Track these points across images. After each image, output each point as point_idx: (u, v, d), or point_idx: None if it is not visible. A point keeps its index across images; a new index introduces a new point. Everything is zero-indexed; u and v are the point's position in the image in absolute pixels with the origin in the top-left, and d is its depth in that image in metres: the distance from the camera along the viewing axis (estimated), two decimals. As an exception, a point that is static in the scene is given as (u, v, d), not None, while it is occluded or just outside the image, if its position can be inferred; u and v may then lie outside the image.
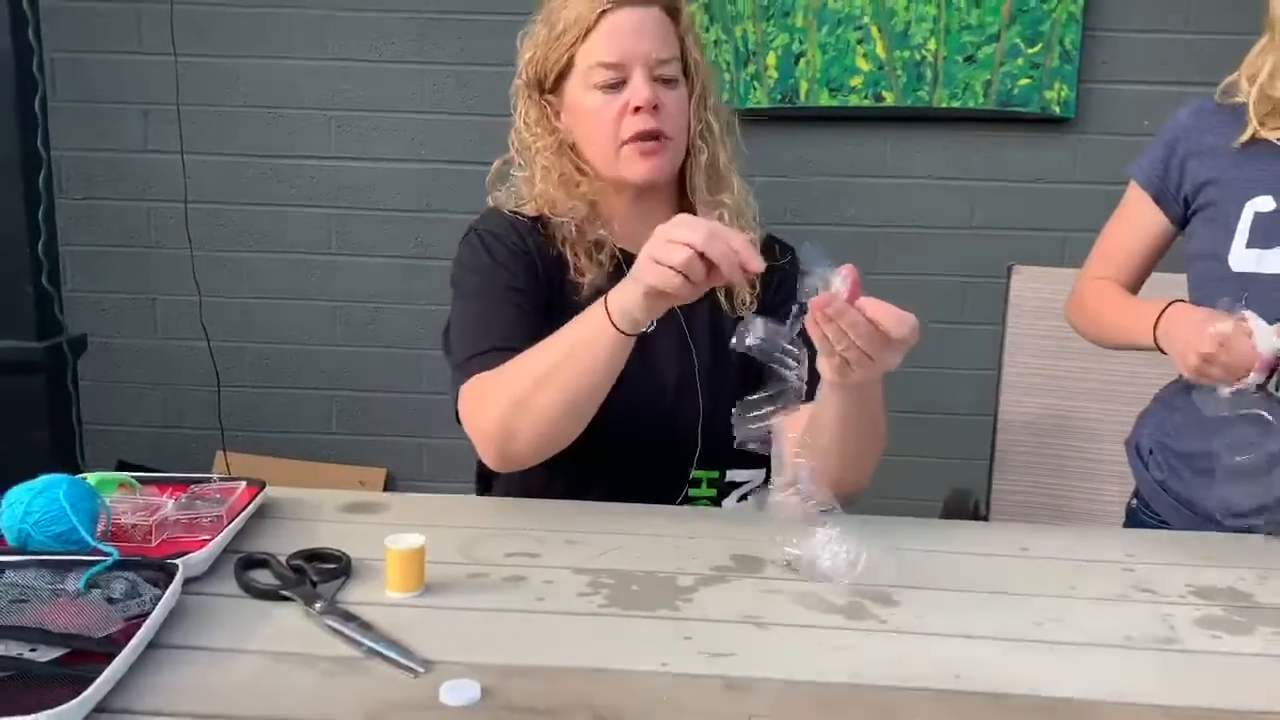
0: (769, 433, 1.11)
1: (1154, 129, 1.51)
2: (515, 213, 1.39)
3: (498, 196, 1.42)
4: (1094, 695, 0.87)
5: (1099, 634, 0.98)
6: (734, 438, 1.14)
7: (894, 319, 1.04)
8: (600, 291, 1.28)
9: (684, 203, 1.42)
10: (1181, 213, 1.44)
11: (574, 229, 1.35)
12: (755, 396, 1.11)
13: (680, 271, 1.06)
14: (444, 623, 0.97)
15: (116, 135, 2.88)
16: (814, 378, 1.13)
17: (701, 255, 1.06)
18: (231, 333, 2.95)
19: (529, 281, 1.33)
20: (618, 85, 1.31)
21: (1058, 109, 2.66)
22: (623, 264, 1.36)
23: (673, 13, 1.36)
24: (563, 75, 1.36)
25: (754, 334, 1.07)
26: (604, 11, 1.31)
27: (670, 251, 1.06)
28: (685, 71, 1.37)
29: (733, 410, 1.14)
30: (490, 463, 1.26)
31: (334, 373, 2.98)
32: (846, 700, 0.85)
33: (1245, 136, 1.37)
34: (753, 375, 1.18)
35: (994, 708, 0.85)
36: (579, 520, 1.22)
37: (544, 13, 1.37)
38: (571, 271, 1.34)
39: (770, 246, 1.43)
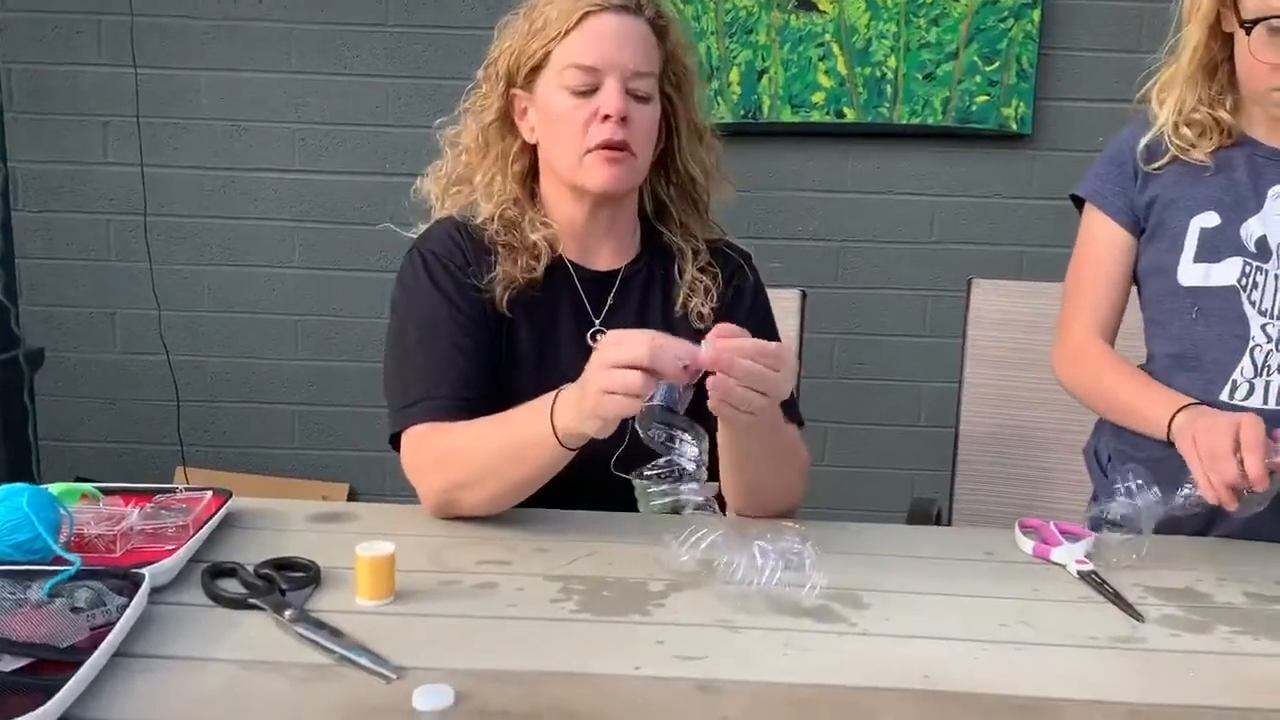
0: (678, 504, 1.10)
1: (1107, 145, 1.53)
2: (460, 223, 1.36)
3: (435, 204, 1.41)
4: (1061, 694, 0.88)
5: (1063, 634, 0.99)
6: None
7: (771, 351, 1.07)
8: (513, 284, 1.30)
9: (645, 224, 1.43)
10: (1138, 226, 1.45)
11: (511, 235, 1.34)
12: (650, 471, 1.08)
13: (634, 395, 1.04)
14: (416, 630, 0.96)
15: (75, 147, 2.84)
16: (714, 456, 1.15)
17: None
18: (192, 347, 2.92)
19: (469, 310, 1.31)
20: (590, 91, 1.29)
21: (1015, 125, 2.71)
22: (572, 274, 1.36)
23: (659, 30, 1.33)
24: (536, 70, 1.32)
25: (646, 422, 1.06)
26: (588, 13, 1.28)
27: (619, 379, 1.04)
28: (672, 88, 1.35)
29: (633, 482, 1.15)
30: (432, 515, 1.26)
31: (296, 387, 2.95)
32: (817, 701, 0.86)
33: (1164, 161, 1.39)
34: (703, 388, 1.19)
35: (962, 707, 0.86)
36: (549, 528, 1.22)
37: (527, 6, 1.34)
38: (499, 273, 1.32)
39: (722, 252, 1.43)
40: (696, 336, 1.41)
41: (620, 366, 1.04)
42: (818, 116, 2.72)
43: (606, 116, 1.27)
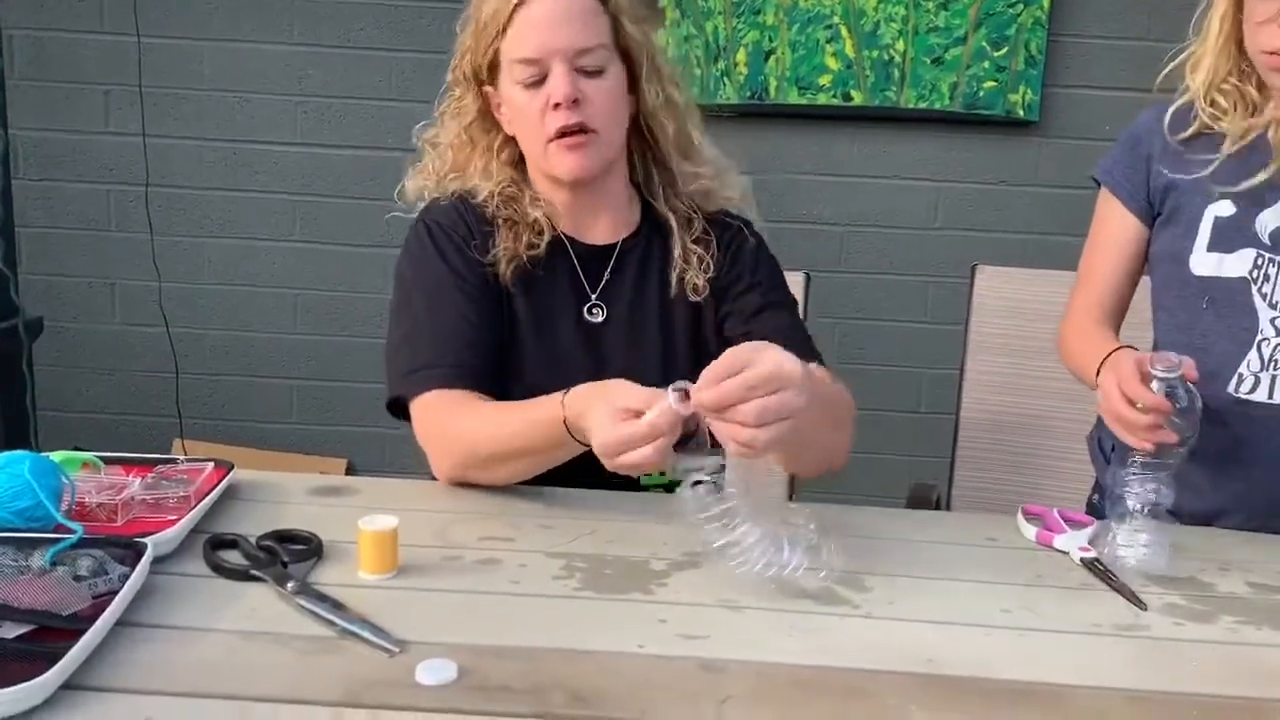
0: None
1: (1115, 133, 1.52)
2: (464, 196, 1.36)
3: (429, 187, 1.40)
4: (1062, 680, 0.88)
5: (1066, 621, 0.99)
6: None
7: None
8: (516, 259, 1.29)
9: (638, 192, 1.41)
10: (1150, 212, 1.45)
11: (512, 209, 1.33)
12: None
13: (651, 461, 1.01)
14: (418, 604, 0.96)
15: (76, 116, 2.82)
16: None
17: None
18: (191, 319, 2.91)
19: (474, 281, 1.31)
20: (539, 81, 1.27)
21: (1022, 112, 2.69)
22: (568, 248, 1.36)
23: None
24: (494, 68, 1.32)
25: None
26: (518, 5, 1.27)
27: (629, 465, 1.01)
28: (624, 53, 1.32)
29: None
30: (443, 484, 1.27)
31: (295, 361, 2.95)
32: (820, 682, 0.86)
33: (1193, 129, 1.37)
34: (705, 361, 1.17)
35: (964, 691, 0.86)
36: (552, 506, 1.21)
37: (473, 4, 1.34)
38: (501, 249, 1.32)
39: (720, 221, 1.41)
40: (693, 311, 1.41)
41: (632, 446, 1.01)
42: (824, 99, 2.70)
43: (557, 105, 1.26)
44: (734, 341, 1.37)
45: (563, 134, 1.27)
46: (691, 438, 1.01)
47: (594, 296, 1.37)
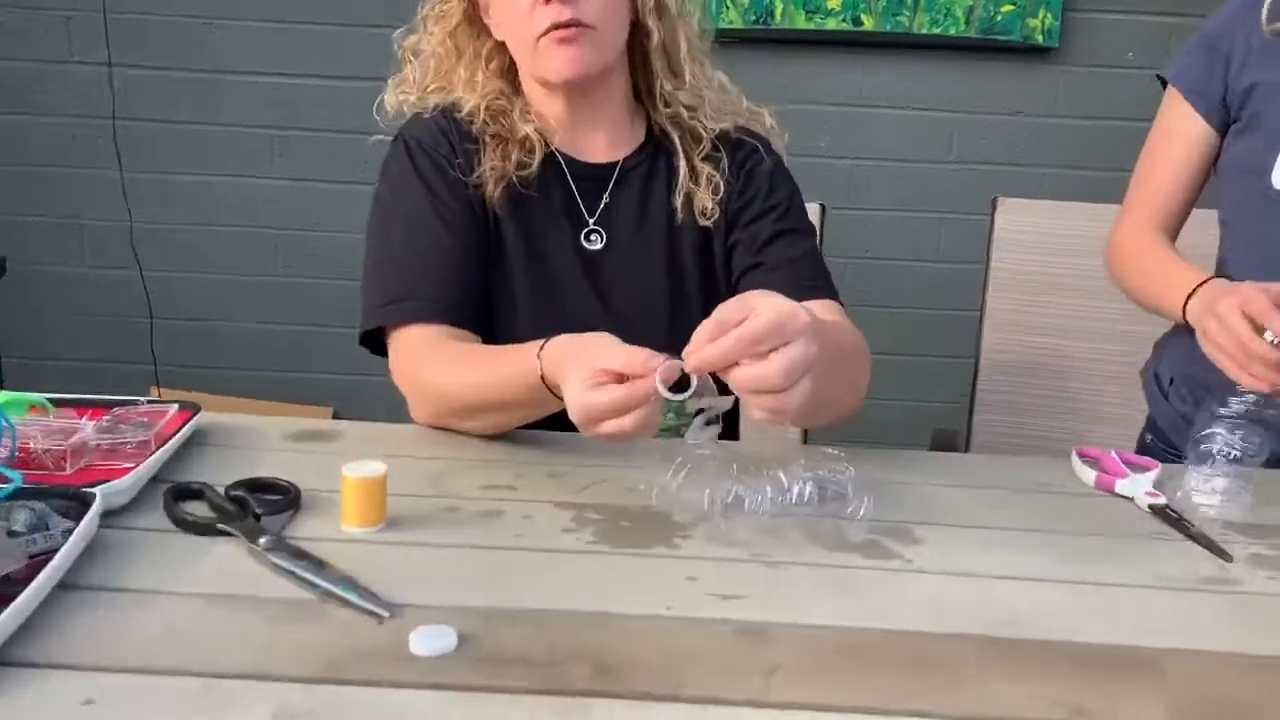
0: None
1: (1138, 61, 1.39)
2: (448, 110, 1.24)
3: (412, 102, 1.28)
4: (1156, 642, 0.77)
5: (1143, 574, 0.88)
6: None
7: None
8: (505, 179, 1.18)
9: (636, 104, 1.29)
10: (1225, 118, 1.32)
11: (500, 124, 1.22)
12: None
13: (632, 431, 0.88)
14: (410, 561, 0.84)
15: (36, 44, 2.65)
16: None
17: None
18: (165, 260, 2.76)
19: (457, 204, 1.20)
20: None
21: (1041, 38, 2.55)
22: (563, 167, 1.24)
23: None
24: None
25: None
26: None
27: (609, 429, 0.88)
28: None
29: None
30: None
31: (276, 305, 2.81)
32: (881, 649, 0.74)
33: None
34: (716, 294, 1.07)
35: (1050, 656, 0.74)
36: (559, 451, 1.09)
37: None
38: (487, 169, 1.20)
39: (733, 138, 1.28)
40: (702, 236, 1.29)
41: (602, 420, 0.88)
42: (833, 24, 2.55)
43: None
44: (741, 275, 1.26)
45: (553, 28, 1.14)
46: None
47: (591, 221, 1.25)
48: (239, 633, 0.72)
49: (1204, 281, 1.22)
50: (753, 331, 0.81)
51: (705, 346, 0.83)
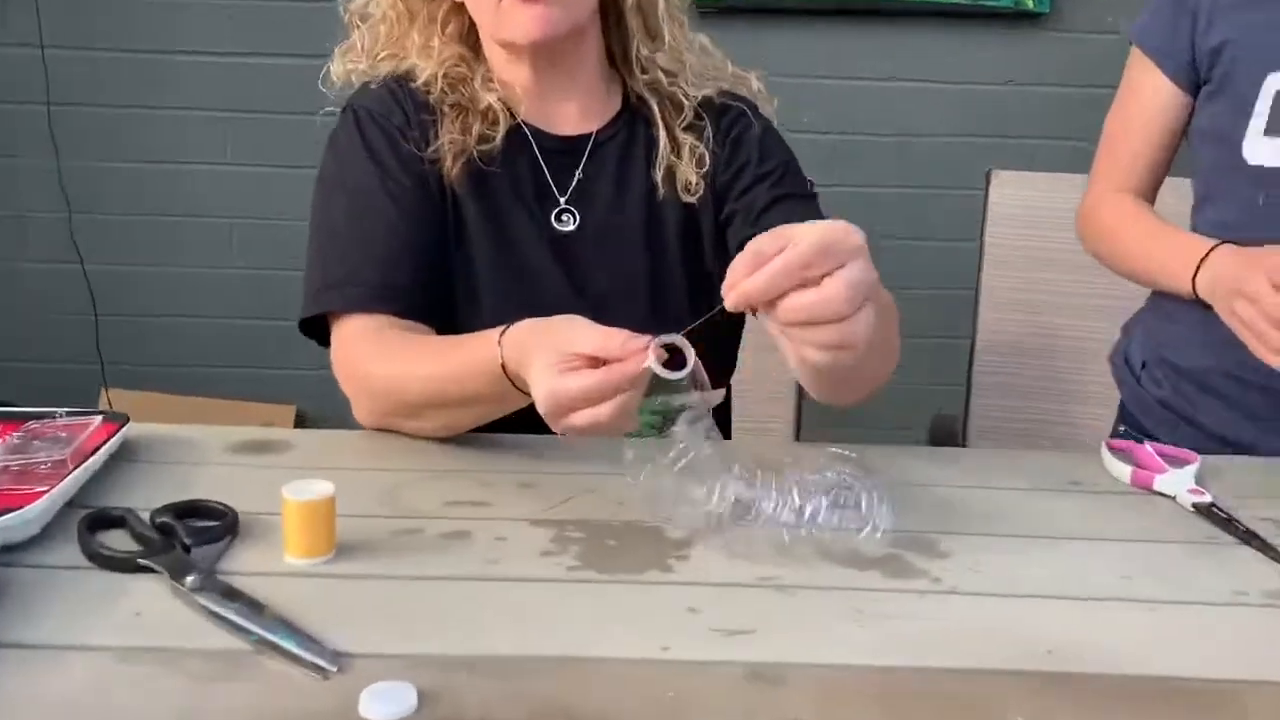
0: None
1: (1123, 27, 1.30)
2: (402, 79, 1.13)
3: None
4: (1226, 673, 0.67)
5: (1201, 589, 0.78)
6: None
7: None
8: (465, 153, 1.08)
9: (611, 70, 1.18)
10: (1195, 79, 1.23)
11: (459, 93, 1.11)
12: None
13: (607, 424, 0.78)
14: (363, 598, 0.72)
15: (-37, 26, 2.50)
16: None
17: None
18: (110, 254, 2.61)
19: (409, 182, 1.09)
20: None
21: (1031, 3, 2.46)
22: (530, 140, 1.13)
23: None
24: None
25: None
26: None
27: (582, 421, 0.78)
28: None
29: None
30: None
31: (233, 299, 2.67)
32: (910, 691, 0.64)
33: None
34: (701, 276, 0.98)
35: (1115, 694, 0.64)
36: (534, 458, 0.97)
37: None
38: (445, 142, 1.09)
39: (718, 104, 1.18)
40: (686, 214, 1.18)
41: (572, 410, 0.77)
42: (814, -8, 2.45)
43: None
44: (741, 248, 1.14)
45: None
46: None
47: (563, 200, 1.14)
48: (156, 695, 0.61)
49: (1212, 249, 1.14)
50: (801, 255, 0.71)
51: (744, 280, 0.71)
